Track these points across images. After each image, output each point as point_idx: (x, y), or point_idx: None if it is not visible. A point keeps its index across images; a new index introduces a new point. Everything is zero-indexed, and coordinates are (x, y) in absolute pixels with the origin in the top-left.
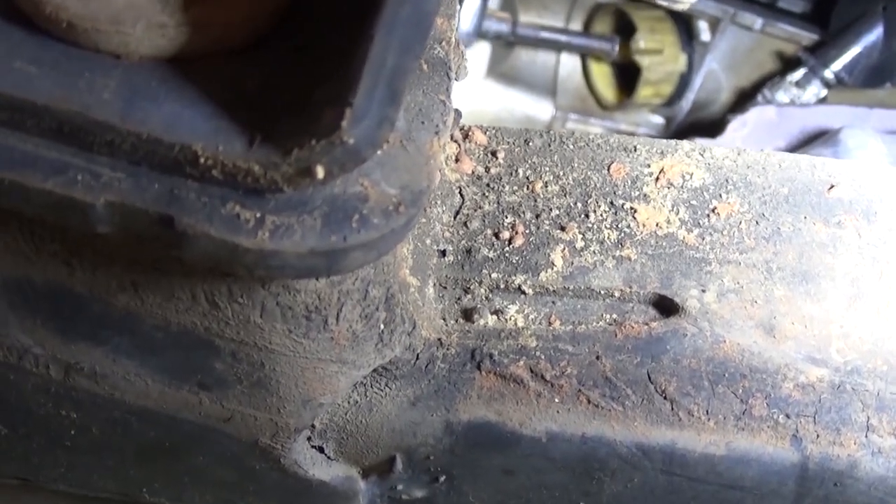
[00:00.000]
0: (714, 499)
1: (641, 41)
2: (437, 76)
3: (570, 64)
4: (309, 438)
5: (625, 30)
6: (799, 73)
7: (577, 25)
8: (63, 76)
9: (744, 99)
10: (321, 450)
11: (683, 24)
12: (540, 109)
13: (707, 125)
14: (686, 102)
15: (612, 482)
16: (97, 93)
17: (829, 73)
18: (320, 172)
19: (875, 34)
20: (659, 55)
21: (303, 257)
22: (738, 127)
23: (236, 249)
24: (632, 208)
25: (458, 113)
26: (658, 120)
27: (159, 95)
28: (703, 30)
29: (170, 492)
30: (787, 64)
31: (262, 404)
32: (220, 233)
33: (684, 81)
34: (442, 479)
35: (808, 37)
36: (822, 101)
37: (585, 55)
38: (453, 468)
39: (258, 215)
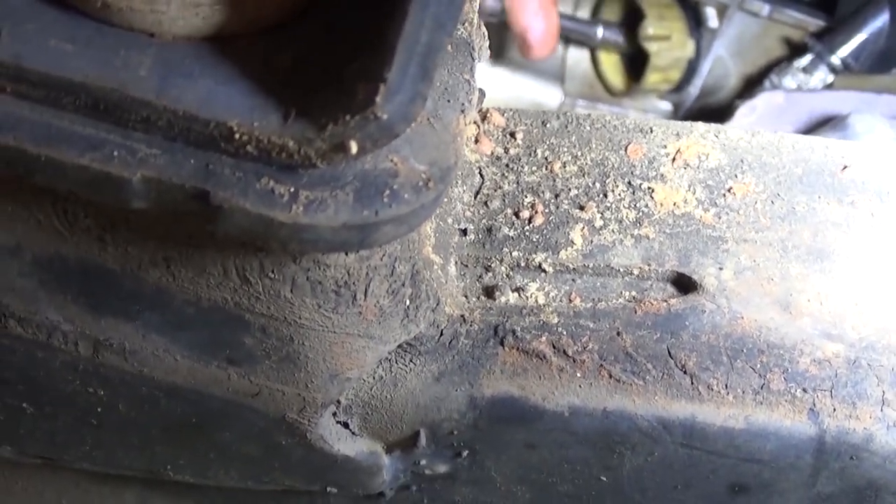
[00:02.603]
0: (732, 472)
1: (650, 27)
2: (462, 56)
3: (578, 50)
4: (334, 414)
5: (633, 16)
6: (806, 59)
7: (584, 13)
8: (98, 54)
9: (751, 85)
10: (346, 425)
11: (691, 10)
12: (548, 96)
13: (715, 111)
14: (694, 88)
15: (633, 456)
16: (133, 70)
17: (835, 59)
18: (353, 147)
19: (881, 20)
20: (667, 41)
21: (336, 231)
22: (746, 112)
23: (271, 223)
24: (649, 188)
25: (482, 92)
26: (666, 106)
27: (194, 73)
28: (711, 16)
29: (195, 469)
30: (795, 50)
31: (289, 379)
32: (255, 207)
33: (692, 67)
34: (465, 453)
35: (814, 23)
36: (829, 86)
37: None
38: (476, 443)
39: (292, 190)
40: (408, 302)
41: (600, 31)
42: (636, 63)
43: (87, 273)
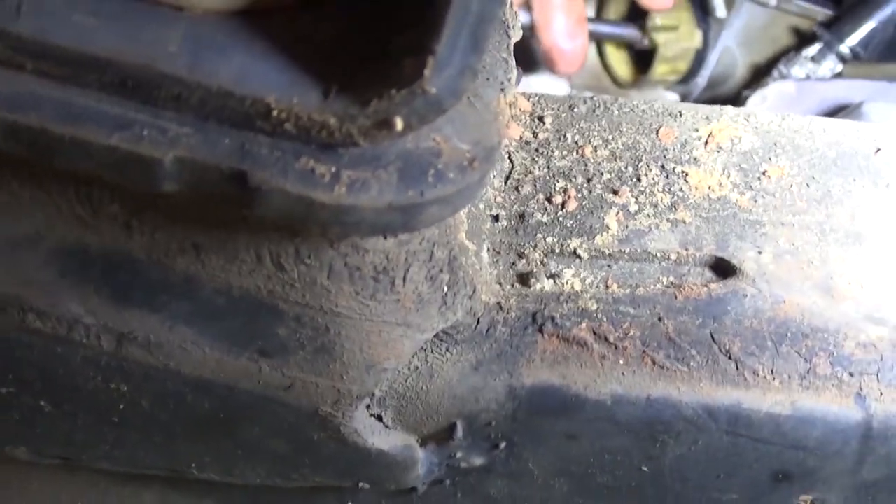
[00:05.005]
0: (776, 460)
1: (657, 18)
2: (498, 34)
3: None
4: (368, 407)
5: (639, 7)
6: (814, 48)
7: (590, 4)
8: (125, 29)
9: (759, 75)
10: (379, 418)
11: (699, 0)
12: (555, 87)
13: (722, 101)
14: (702, 79)
15: (676, 445)
16: (162, 45)
17: (844, 48)
18: (399, 124)
19: (890, 8)
20: (674, 32)
21: (380, 212)
22: (757, 102)
23: (312, 205)
24: (683, 172)
25: (519, 71)
26: (673, 97)
27: (227, 48)
28: (719, 6)
29: (220, 466)
30: (803, 39)
31: (324, 371)
32: (295, 188)
33: (700, 58)
34: (502, 445)
35: (822, 12)
36: (838, 75)
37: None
38: (515, 434)
39: (333, 170)
40: (446, 289)
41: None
42: (643, 54)
43: (111, 262)
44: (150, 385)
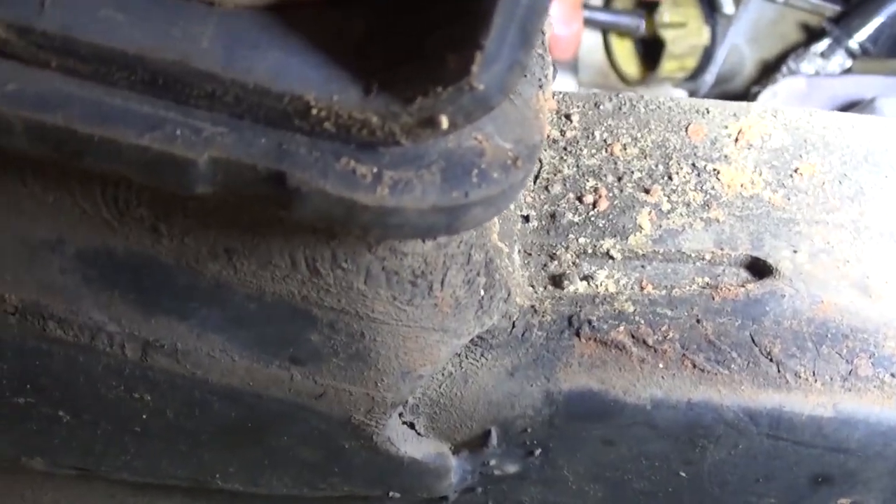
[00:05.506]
0: (817, 463)
1: (665, 15)
2: None
3: (591, 39)
4: (400, 414)
5: (647, 3)
6: (823, 44)
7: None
8: (154, 25)
9: (768, 71)
10: (412, 426)
11: None
12: (562, 85)
13: (731, 98)
14: (710, 76)
15: (716, 449)
16: (194, 41)
17: (853, 44)
18: (444, 122)
19: None
20: (682, 29)
21: (424, 214)
22: (768, 98)
23: (354, 207)
24: (715, 169)
25: (555, 68)
26: (681, 94)
27: (261, 44)
28: (727, 3)
29: (246, 476)
30: (811, 35)
31: (358, 378)
32: (336, 189)
33: (708, 55)
34: (537, 452)
35: (831, 7)
36: (847, 71)
37: (607, 31)
38: (550, 440)
39: (374, 170)
40: (482, 292)
41: (619, 19)
42: (650, 51)
43: (138, 267)
44: (175, 394)
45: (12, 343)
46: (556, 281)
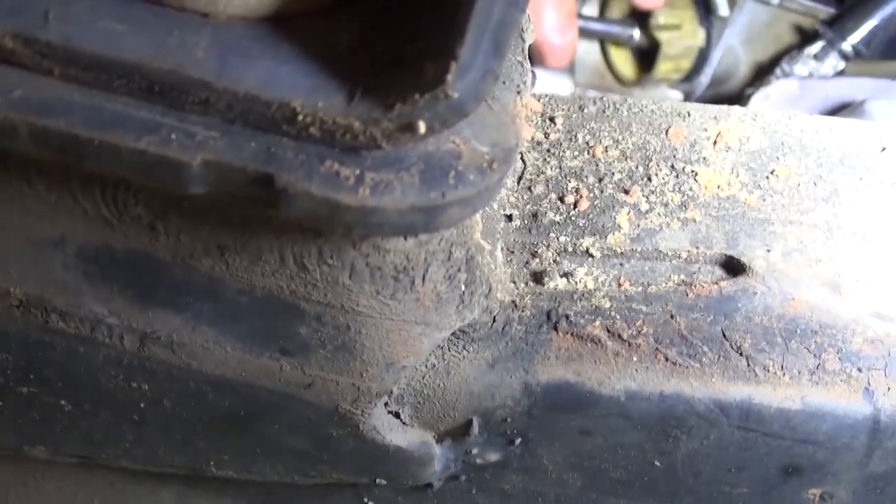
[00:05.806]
0: (786, 454)
1: (660, 17)
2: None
3: (587, 41)
4: (386, 404)
5: (642, 13)
6: (817, 47)
7: (593, 2)
8: (151, 35)
9: (762, 73)
10: (397, 415)
11: None
12: (558, 86)
13: (725, 100)
14: (705, 77)
15: (689, 440)
16: (189, 51)
17: (846, 46)
18: (422, 128)
19: (892, 6)
20: (678, 30)
21: (403, 214)
22: (761, 100)
23: (337, 207)
24: (693, 171)
25: (534, 74)
26: (676, 95)
27: (252, 53)
28: (722, 5)
29: (239, 464)
30: (805, 37)
31: (344, 369)
32: (320, 190)
33: (703, 56)
34: (517, 441)
35: (824, 10)
36: (841, 73)
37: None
38: (530, 430)
39: (357, 172)
40: (463, 287)
41: (613, 29)
42: (646, 53)
43: (136, 264)
44: (171, 384)
45: (16, 335)
46: (537, 277)
